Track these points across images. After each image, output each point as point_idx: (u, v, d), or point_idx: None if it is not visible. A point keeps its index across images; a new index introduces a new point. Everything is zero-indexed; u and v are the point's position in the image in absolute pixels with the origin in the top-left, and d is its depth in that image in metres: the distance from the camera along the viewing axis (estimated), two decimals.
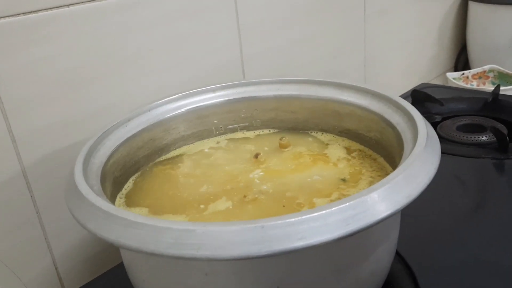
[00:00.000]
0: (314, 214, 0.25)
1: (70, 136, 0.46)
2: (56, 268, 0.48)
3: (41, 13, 0.42)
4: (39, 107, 0.43)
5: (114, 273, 0.46)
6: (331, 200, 0.35)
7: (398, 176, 0.28)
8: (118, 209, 0.27)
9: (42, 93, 0.43)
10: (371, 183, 0.37)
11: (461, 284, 0.39)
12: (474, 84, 0.93)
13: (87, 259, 0.50)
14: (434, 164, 0.30)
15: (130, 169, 0.41)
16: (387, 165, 0.40)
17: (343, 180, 0.38)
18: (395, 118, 0.38)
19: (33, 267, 0.46)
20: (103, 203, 0.28)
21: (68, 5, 0.44)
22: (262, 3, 0.62)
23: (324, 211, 0.25)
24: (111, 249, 0.50)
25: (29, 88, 0.42)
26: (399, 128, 0.36)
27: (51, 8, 0.43)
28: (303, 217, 0.25)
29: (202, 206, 0.36)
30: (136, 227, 0.26)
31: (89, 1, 0.45)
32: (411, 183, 0.28)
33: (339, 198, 0.33)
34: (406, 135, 0.35)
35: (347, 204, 0.26)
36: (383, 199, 0.26)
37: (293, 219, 0.25)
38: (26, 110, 0.42)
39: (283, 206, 0.35)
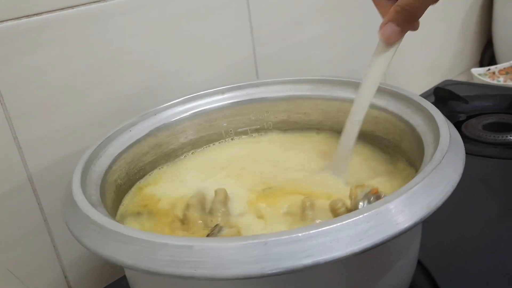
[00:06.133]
0: (323, 228, 0.23)
1: (76, 143, 0.44)
2: (65, 277, 0.47)
3: (44, 16, 0.41)
4: (44, 114, 0.42)
5: (125, 281, 0.44)
6: None
7: (416, 184, 0.25)
8: (113, 223, 0.26)
9: (47, 99, 0.42)
10: None
11: None
12: (501, 80, 0.89)
13: (97, 268, 0.49)
14: (458, 171, 0.27)
15: (135, 176, 0.39)
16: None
17: None
18: (415, 119, 0.35)
19: (42, 276, 0.45)
20: (98, 215, 0.26)
21: (72, 7, 0.43)
22: (276, 1, 0.60)
23: (334, 225, 0.23)
24: None
25: (34, 94, 0.41)
26: (419, 130, 0.34)
27: (54, 10, 0.42)
28: (311, 231, 0.23)
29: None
30: (131, 242, 0.24)
31: (94, 2, 0.44)
32: (432, 192, 0.25)
33: None
34: (427, 138, 0.32)
35: (360, 216, 0.23)
36: (400, 210, 0.24)
37: (299, 234, 0.23)
38: (31, 117, 0.41)
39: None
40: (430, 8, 0.33)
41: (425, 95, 0.77)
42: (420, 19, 0.35)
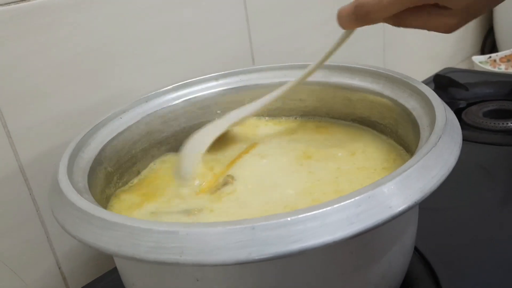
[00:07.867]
0: (312, 213, 0.22)
1: (67, 131, 0.43)
2: (59, 268, 0.46)
3: (34, 2, 0.40)
4: (33, 102, 0.41)
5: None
6: None
7: (410, 167, 0.24)
8: (97, 209, 0.25)
9: (37, 86, 0.41)
10: None
11: (489, 286, 0.35)
12: (502, 68, 0.88)
13: (91, 258, 0.48)
14: (454, 154, 0.26)
15: (126, 163, 0.39)
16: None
17: None
18: (411, 103, 0.34)
19: (36, 268, 0.44)
20: (83, 202, 0.26)
21: None
22: None
23: (323, 209, 0.22)
24: None
25: (24, 82, 0.40)
26: (415, 113, 0.33)
27: None
28: (299, 216, 0.22)
29: None
30: (114, 228, 0.23)
31: None
32: (426, 175, 0.24)
33: None
34: (422, 121, 0.31)
35: (351, 200, 0.23)
36: (393, 194, 0.23)
37: (288, 219, 0.22)
38: (22, 105, 0.40)
39: None
40: None
41: (425, 83, 0.75)
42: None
